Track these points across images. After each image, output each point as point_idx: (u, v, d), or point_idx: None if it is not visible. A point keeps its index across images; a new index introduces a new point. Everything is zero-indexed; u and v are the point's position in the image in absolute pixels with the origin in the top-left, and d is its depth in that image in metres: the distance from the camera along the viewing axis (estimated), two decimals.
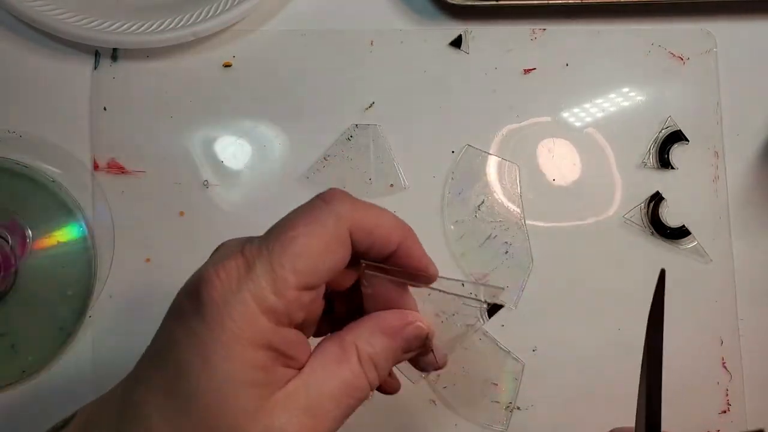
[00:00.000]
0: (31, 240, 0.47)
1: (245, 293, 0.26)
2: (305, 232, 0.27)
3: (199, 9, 0.49)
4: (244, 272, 0.26)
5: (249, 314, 0.26)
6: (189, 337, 0.26)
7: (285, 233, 0.27)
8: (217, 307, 0.26)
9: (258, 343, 0.26)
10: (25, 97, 0.50)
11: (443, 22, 0.52)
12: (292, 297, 0.26)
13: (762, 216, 0.51)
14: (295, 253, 0.26)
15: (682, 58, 0.52)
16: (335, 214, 0.28)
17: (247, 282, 0.26)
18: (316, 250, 0.27)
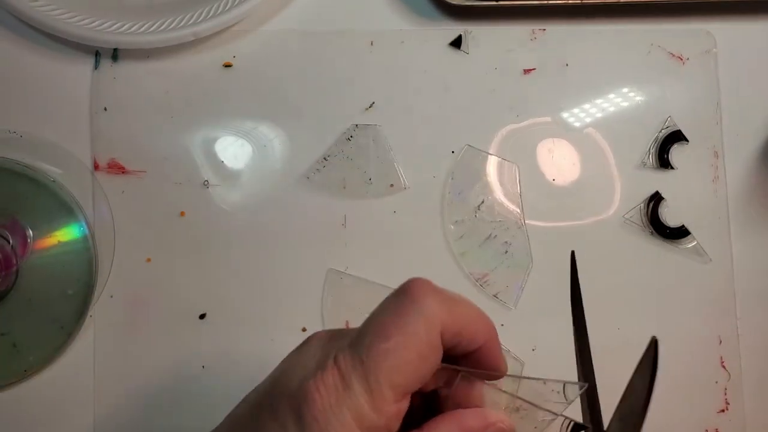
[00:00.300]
0: (32, 240, 0.48)
1: (345, 412, 0.26)
2: (398, 344, 0.27)
3: (199, 9, 0.49)
4: (342, 389, 0.26)
5: (349, 429, 0.26)
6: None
7: (377, 345, 0.27)
8: (318, 425, 0.26)
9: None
10: (25, 98, 0.51)
11: (443, 23, 0.52)
12: (390, 413, 0.27)
13: (761, 216, 0.51)
14: (390, 367, 0.26)
15: (681, 59, 0.52)
16: (425, 318, 0.27)
17: (346, 400, 0.26)
18: (412, 362, 0.27)
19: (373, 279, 0.49)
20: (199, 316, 0.49)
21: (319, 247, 0.49)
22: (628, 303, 0.49)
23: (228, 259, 0.49)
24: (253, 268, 0.49)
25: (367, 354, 0.26)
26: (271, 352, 0.48)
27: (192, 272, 0.49)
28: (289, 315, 0.49)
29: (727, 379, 0.49)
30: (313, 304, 0.49)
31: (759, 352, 0.50)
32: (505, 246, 0.50)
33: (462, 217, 0.50)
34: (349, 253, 0.49)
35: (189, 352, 0.48)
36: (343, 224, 0.50)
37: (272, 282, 0.49)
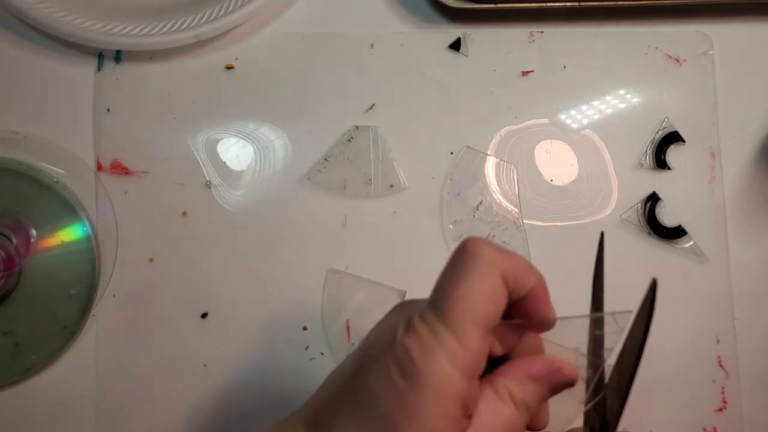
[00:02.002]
0: (35, 240, 0.48)
1: (438, 355, 0.29)
2: (467, 289, 0.30)
3: (201, 12, 0.50)
4: (431, 337, 0.29)
5: (445, 373, 0.29)
6: (396, 395, 0.29)
7: (450, 294, 0.30)
8: (418, 370, 0.29)
9: (454, 399, 0.29)
10: (29, 99, 0.51)
11: (442, 25, 0.53)
12: (476, 348, 0.30)
13: (758, 216, 0.51)
14: (465, 309, 0.29)
15: (678, 60, 0.53)
16: (485, 264, 0.31)
17: (436, 345, 0.29)
18: (482, 301, 0.30)
19: (373, 278, 0.50)
20: (201, 315, 0.49)
21: (319, 247, 0.50)
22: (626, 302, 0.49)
23: (230, 259, 0.50)
24: (255, 267, 0.49)
25: (444, 305, 0.30)
26: (272, 351, 0.49)
27: (194, 272, 0.49)
28: (290, 314, 0.49)
29: (724, 378, 0.49)
30: (314, 303, 0.49)
31: (756, 351, 0.50)
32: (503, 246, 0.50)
33: (461, 218, 0.50)
34: (349, 252, 0.50)
35: (191, 351, 0.49)
36: (344, 224, 0.50)
37: (273, 281, 0.49)
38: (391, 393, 0.29)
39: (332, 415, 0.31)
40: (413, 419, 0.29)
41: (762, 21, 0.54)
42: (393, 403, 0.29)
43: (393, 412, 0.29)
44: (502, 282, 0.31)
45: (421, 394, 0.29)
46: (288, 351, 0.49)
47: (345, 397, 0.31)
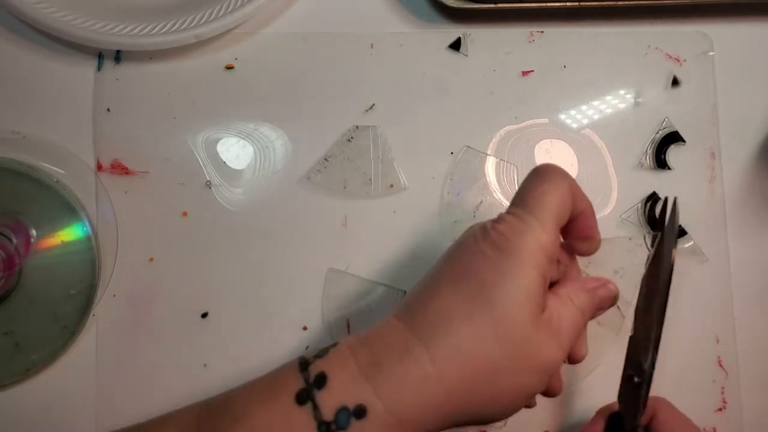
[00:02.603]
0: (35, 239, 0.48)
1: (527, 234, 0.35)
2: (549, 188, 0.36)
3: (201, 12, 0.50)
4: (521, 223, 0.35)
5: (532, 248, 0.35)
6: (490, 265, 0.34)
7: (534, 192, 0.37)
8: (511, 244, 0.35)
9: (538, 270, 0.35)
10: (29, 99, 0.51)
11: (442, 25, 0.53)
12: (554, 236, 0.36)
13: (758, 216, 0.51)
14: (548, 202, 0.36)
15: (679, 60, 0.53)
16: (562, 176, 0.37)
17: (524, 228, 0.35)
18: (559, 201, 0.36)
19: (373, 278, 0.50)
20: (201, 315, 0.49)
21: (319, 247, 0.50)
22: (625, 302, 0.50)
23: (230, 259, 0.50)
24: (255, 267, 0.50)
25: (529, 200, 0.36)
26: (272, 350, 0.49)
27: (194, 272, 0.49)
28: (290, 314, 0.49)
29: (724, 378, 0.49)
30: (314, 302, 0.49)
31: (756, 351, 0.50)
32: None
33: (461, 217, 0.50)
34: (349, 252, 0.50)
35: (191, 351, 0.49)
36: (344, 224, 0.50)
37: (274, 281, 0.49)
38: (486, 263, 0.35)
39: (427, 293, 0.35)
40: (505, 279, 0.34)
41: (762, 21, 0.54)
42: (488, 270, 0.34)
43: (488, 276, 0.34)
44: (571, 192, 0.37)
45: (513, 259, 0.34)
46: (288, 351, 0.49)
47: (438, 278, 0.36)
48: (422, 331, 0.34)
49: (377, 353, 0.34)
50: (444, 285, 0.35)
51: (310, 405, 0.32)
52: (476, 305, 0.34)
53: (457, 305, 0.34)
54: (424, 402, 0.33)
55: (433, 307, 0.35)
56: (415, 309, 0.35)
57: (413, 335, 0.34)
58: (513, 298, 0.34)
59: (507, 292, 0.34)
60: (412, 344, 0.33)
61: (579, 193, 0.38)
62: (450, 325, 0.33)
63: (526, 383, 0.34)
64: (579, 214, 0.38)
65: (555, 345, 0.35)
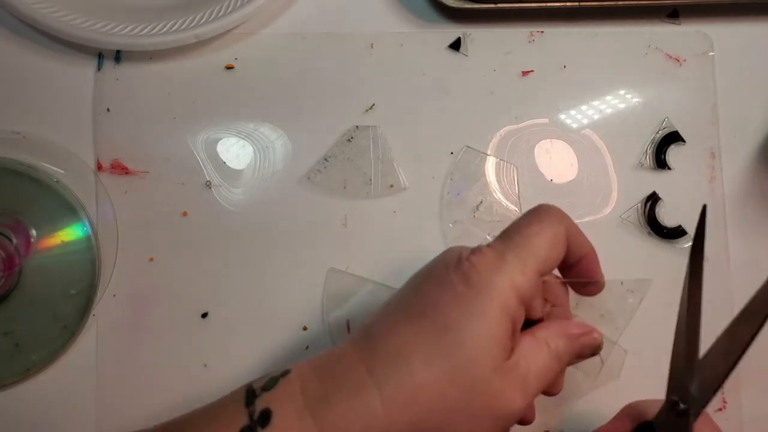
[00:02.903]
0: (35, 239, 0.48)
1: (503, 273, 0.33)
2: (539, 231, 0.35)
3: (201, 12, 0.50)
4: (498, 260, 0.34)
5: (505, 289, 0.33)
6: (457, 302, 0.33)
7: (524, 231, 0.35)
8: (482, 280, 0.33)
9: (507, 313, 0.33)
10: (28, 99, 0.51)
11: (442, 25, 0.53)
12: (533, 280, 0.34)
13: (758, 216, 0.51)
14: (535, 245, 0.34)
15: (678, 60, 0.53)
16: (557, 217, 0.36)
17: (502, 267, 0.34)
18: (548, 244, 0.35)
19: (373, 278, 0.50)
20: (201, 315, 0.49)
21: (320, 247, 0.50)
22: None
23: (230, 259, 0.50)
24: (255, 267, 0.50)
25: (514, 236, 0.35)
26: (272, 350, 0.49)
27: (194, 271, 0.49)
28: (290, 314, 0.49)
29: None
30: (314, 302, 0.49)
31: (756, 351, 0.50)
32: None
33: (461, 217, 0.50)
34: (349, 252, 0.50)
35: (191, 351, 0.49)
36: (344, 224, 0.50)
37: (274, 281, 0.49)
38: (453, 299, 0.33)
39: (388, 326, 0.34)
40: (471, 320, 0.32)
41: (762, 21, 0.54)
42: (453, 308, 0.33)
43: (452, 316, 0.33)
44: (565, 237, 0.36)
45: (481, 298, 0.33)
46: (288, 351, 0.49)
47: (401, 309, 0.35)
48: (377, 368, 0.33)
49: (327, 386, 0.33)
50: (406, 319, 0.34)
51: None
52: (437, 347, 0.32)
53: (416, 344, 0.33)
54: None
55: (392, 343, 0.33)
56: (373, 341, 0.34)
57: (367, 372, 0.33)
58: (476, 344, 0.32)
59: (471, 336, 0.32)
60: (365, 382, 0.32)
61: (580, 238, 0.37)
62: (407, 366, 0.32)
63: (482, 431, 0.33)
64: (581, 258, 0.37)
65: (518, 394, 0.33)
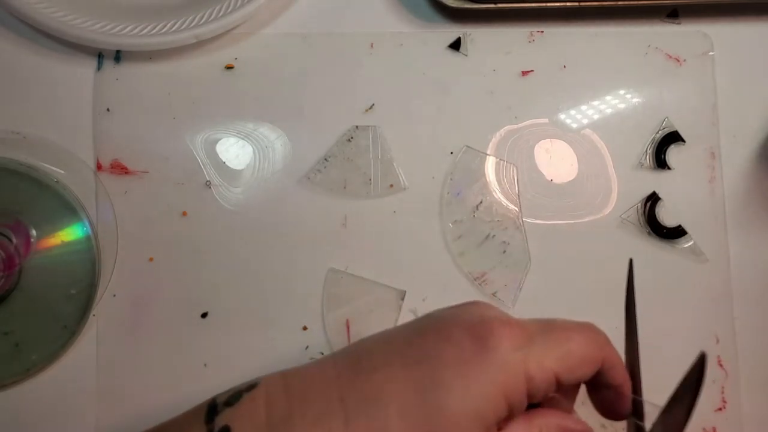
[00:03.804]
0: (35, 240, 0.48)
1: (521, 355, 0.31)
2: (579, 339, 0.33)
3: (201, 12, 0.50)
4: (525, 340, 0.31)
5: (516, 373, 0.31)
6: (460, 365, 0.30)
7: (562, 330, 0.33)
8: (496, 351, 0.31)
9: (507, 397, 0.31)
10: (28, 99, 0.51)
11: (442, 25, 0.53)
12: (548, 378, 0.31)
13: (758, 216, 0.51)
14: (566, 349, 0.32)
15: (679, 60, 0.53)
16: (601, 343, 0.34)
17: (525, 348, 0.31)
18: (581, 358, 0.32)
19: (373, 278, 0.50)
20: (201, 315, 0.49)
21: (319, 247, 0.50)
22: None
23: (230, 259, 0.50)
24: (255, 267, 0.50)
25: (554, 331, 0.32)
26: (272, 350, 0.49)
27: (194, 271, 0.49)
28: (290, 314, 0.49)
29: (724, 377, 0.49)
30: (314, 303, 0.49)
31: (756, 351, 0.50)
32: (503, 246, 0.50)
33: (460, 217, 0.50)
34: (349, 252, 0.50)
35: (191, 351, 0.49)
36: (344, 224, 0.50)
37: (273, 281, 0.49)
38: (455, 358, 0.31)
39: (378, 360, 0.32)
40: (465, 388, 0.30)
41: (762, 21, 0.54)
42: (452, 366, 0.30)
43: (447, 374, 0.30)
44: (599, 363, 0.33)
45: (483, 371, 0.30)
46: (288, 351, 0.49)
47: (398, 347, 0.32)
48: (350, 401, 0.31)
49: (294, 406, 0.31)
50: (399, 359, 0.32)
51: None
52: (418, 403, 0.30)
53: (398, 391, 0.30)
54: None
55: (375, 380, 0.31)
56: (357, 369, 0.32)
57: (340, 402, 0.31)
58: (457, 417, 0.30)
59: (455, 406, 0.30)
60: (333, 411, 0.31)
61: (618, 371, 0.34)
62: (382, 411, 0.30)
63: None
64: (612, 387, 0.35)
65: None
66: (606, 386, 0.35)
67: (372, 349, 0.33)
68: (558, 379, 0.32)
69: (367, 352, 0.33)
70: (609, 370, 0.34)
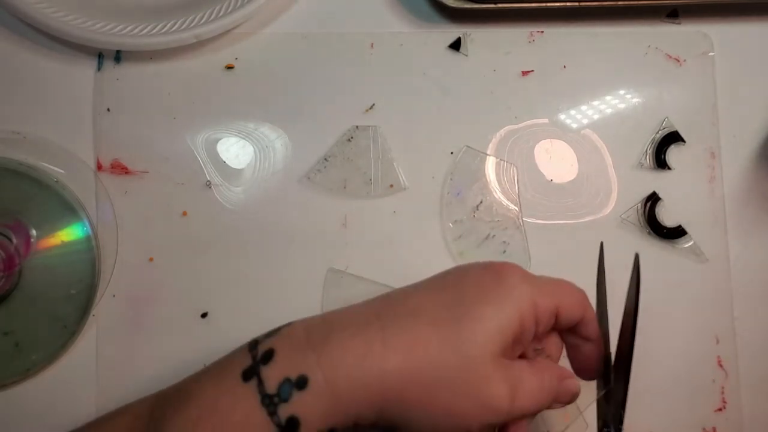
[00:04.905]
0: (35, 240, 0.48)
1: (529, 285, 0.35)
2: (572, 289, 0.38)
3: (201, 12, 0.50)
4: (531, 277, 0.36)
5: (526, 297, 0.35)
6: (479, 287, 0.35)
7: (560, 282, 0.38)
8: (509, 281, 0.35)
9: (521, 318, 0.34)
10: (29, 99, 0.51)
11: (442, 25, 0.53)
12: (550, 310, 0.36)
13: (758, 216, 0.51)
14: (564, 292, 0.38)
15: (679, 60, 0.53)
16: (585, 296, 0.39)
17: (534, 281, 0.36)
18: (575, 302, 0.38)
19: (372, 278, 0.50)
20: (201, 315, 0.49)
21: (319, 247, 0.50)
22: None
23: (229, 259, 0.50)
24: (255, 267, 0.50)
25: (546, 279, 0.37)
26: None
27: (194, 271, 0.49)
28: (289, 314, 0.48)
29: (724, 378, 0.49)
30: (314, 302, 0.49)
31: (756, 352, 0.50)
32: (503, 245, 0.50)
33: (461, 217, 0.50)
34: (349, 252, 0.50)
35: (191, 351, 0.49)
36: (344, 224, 0.50)
37: (273, 281, 0.49)
38: (476, 284, 0.35)
39: (407, 293, 0.36)
40: (487, 305, 0.34)
41: (762, 21, 0.54)
42: (474, 289, 0.35)
43: (471, 294, 0.34)
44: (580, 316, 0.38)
45: (502, 294, 0.34)
46: None
47: (423, 285, 0.37)
48: (386, 316, 0.34)
49: (333, 326, 0.35)
50: (426, 288, 0.36)
51: (255, 380, 0.33)
52: (446, 315, 0.34)
53: (428, 308, 0.34)
54: (359, 376, 0.33)
55: (408, 302, 0.35)
56: (389, 299, 0.36)
57: (376, 317, 0.34)
58: (484, 326, 0.33)
59: (481, 317, 0.34)
60: (371, 323, 0.34)
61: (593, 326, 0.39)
62: (414, 320, 0.34)
63: (461, 410, 0.33)
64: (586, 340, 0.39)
65: (506, 391, 0.34)
66: (583, 338, 0.39)
67: (400, 289, 0.37)
68: (557, 313, 0.36)
69: (396, 291, 0.37)
70: (588, 323, 0.38)
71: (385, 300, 0.36)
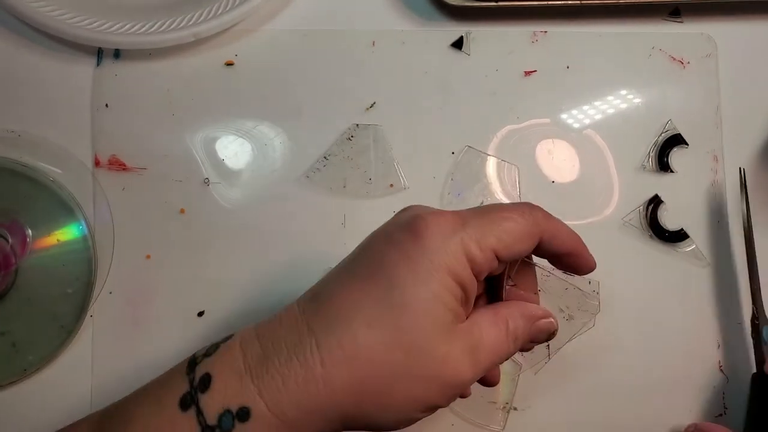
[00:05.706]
0: (32, 239, 0.48)
1: (458, 238, 0.33)
2: (513, 219, 0.34)
3: (200, 9, 0.49)
4: (459, 225, 0.33)
5: (457, 253, 0.33)
6: (405, 260, 0.32)
7: (496, 212, 0.35)
8: (435, 241, 0.33)
9: (457, 277, 0.33)
10: (26, 97, 0.50)
11: (444, 24, 0.52)
12: (488, 256, 0.33)
13: (760, 220, 0.51)
14: (502, 228, 0.34)
15: (682, 62, 0.52)
16: (536, 219, 0.35)
17: (461, 231, 0.33)
18: (517, 234, 0.34)
19: None
20: (198, 314, 0.49)
21: (318, 246, 0.50)
22: (626, 306, 0.49)
23: (227, 257, 0.49)
24: (252, 266, 0.49)
25: (488, 214, 0.34)
26: None
27: (191, 270, 0.49)
28: None
29: (725, 383, 0.49)
30: None
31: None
32: None
33: None
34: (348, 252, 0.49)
35: (187, 350, 0.48)
36: (343, 224, 0.50)
37: (271, 280, 0.49)
38: (400, 258, 0.33)
39: (335, 286, 0.34)
40: (416, 280, 0.32)
41: (766, 22, 0.53)
42: (400, 266, 0.32)
43: (398, 274, 0.32)
44: (538, 238, 0.35)
45: (428, 260, 0.32)
46: None
47: (349, 269, 0.35)
48: (319, 328, 0.32)
49: (267, 348, 0.33)
50: (352, 279, 0.34)
51: (194, 409, 0.32)
52: (380, 309, 0.32)
53: (359, 306, 0.32)
54: (307, 403, 0.31)
55: (336, 304, 0.33)
56: (318, 301, 0.34)
57: (309, 331, 0.32)
58: (420, 306, 0.32)
59: (415, 298, 0.32)
60: (305, 342, 0.32)
61: (562, 238, 0.37)
62: (348, 326, 0.32)
63: (423, 396, 0.33)
64: (568, 254, 0.37)
65: (466, 362, 0.33)
66: (557, 255, 0.37)
67: (327, 279, 0.35)
68: (498, 256, 0.34)
69: (323, 284, 0.35)
70: (552, 240, 0.36)
71: (313, 300, 0.34)
